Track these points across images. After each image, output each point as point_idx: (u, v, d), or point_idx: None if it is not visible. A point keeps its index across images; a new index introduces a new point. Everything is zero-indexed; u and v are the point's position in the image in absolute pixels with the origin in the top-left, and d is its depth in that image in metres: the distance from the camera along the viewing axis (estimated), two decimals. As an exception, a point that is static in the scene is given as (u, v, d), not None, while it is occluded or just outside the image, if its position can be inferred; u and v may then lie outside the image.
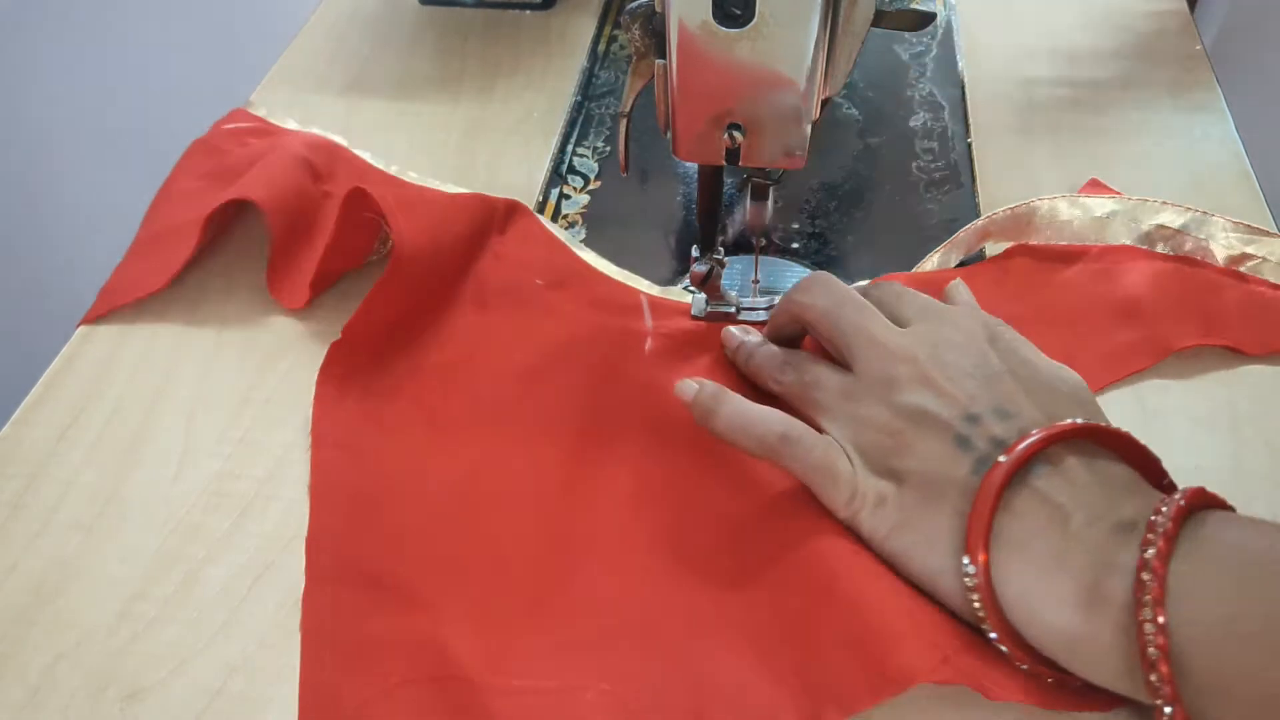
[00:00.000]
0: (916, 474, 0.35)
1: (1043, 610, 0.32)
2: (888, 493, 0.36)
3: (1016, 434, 0.34)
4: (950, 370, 0.37)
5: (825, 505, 0.37)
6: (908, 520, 0.35)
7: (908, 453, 0.35)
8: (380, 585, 0.38)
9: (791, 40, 0.35)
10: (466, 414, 0.43)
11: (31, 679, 0.35)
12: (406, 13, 0.68)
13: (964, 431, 0.35)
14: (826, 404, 0.38)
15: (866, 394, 0.37)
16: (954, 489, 0.34)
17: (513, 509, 0.40)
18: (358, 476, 0.41)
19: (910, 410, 0.36)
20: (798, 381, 0.40)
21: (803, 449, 0.37)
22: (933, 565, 0.34)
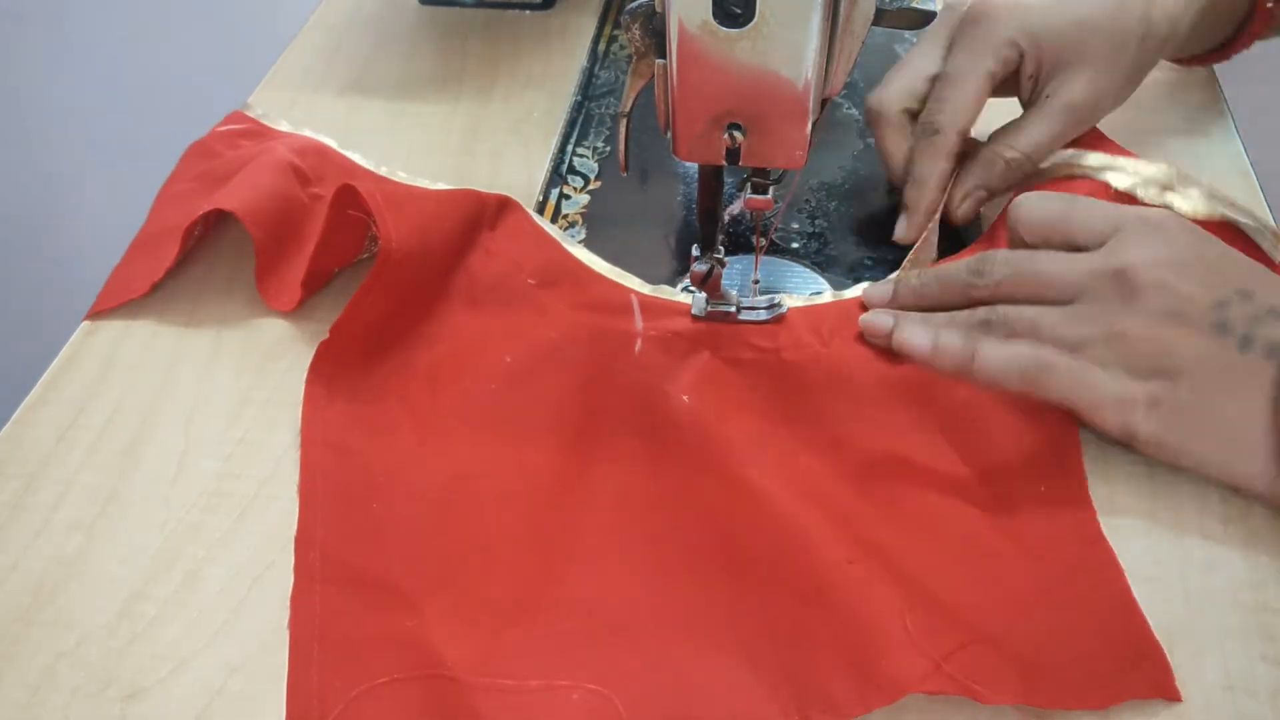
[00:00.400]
0: (1188, 368, 0.37)
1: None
2: (1160, 392, 0.37)
3: (1266, 311, 0.37)
4: (1179, 266, 0.38)
5: (1095, 423, 0.39)
6: (1192, 413, 0.37)
7: (1173, 351, 0.37)
8: (368, 584, 0.38)
9: (791, 40, 0.35)
10: (455, 414, 0.43)
11: (31, 679, 0.35)
12: (406, 13, 0.68)
13: (1218, 319, 0.37)
14: (1064, 335, 0.39)
15: (1104, 312, 0.38)
16: (1230, 373, 0.36)
17: (500, 509, 0.40)
18: (347, 476, 0.41)
19: (1157, 312, 0.37)
20: (1011, 334, 0.40)
21: (1062, 371, 0.38)
22: (1225, 449, 0.37)
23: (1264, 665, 0.34)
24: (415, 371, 0.45)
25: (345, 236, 0.48)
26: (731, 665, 0.35)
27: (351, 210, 0.47)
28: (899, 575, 0.36)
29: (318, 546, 0.39)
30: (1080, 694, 0.33)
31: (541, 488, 0.40)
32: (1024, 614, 0.35)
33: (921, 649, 0.34)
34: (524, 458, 0.41)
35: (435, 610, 0.37)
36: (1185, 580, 0.37)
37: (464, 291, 0.48)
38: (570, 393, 0.44)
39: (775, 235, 0.52)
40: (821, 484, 0.40)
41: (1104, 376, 0.38)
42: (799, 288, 0.49)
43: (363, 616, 0.37)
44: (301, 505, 0.40)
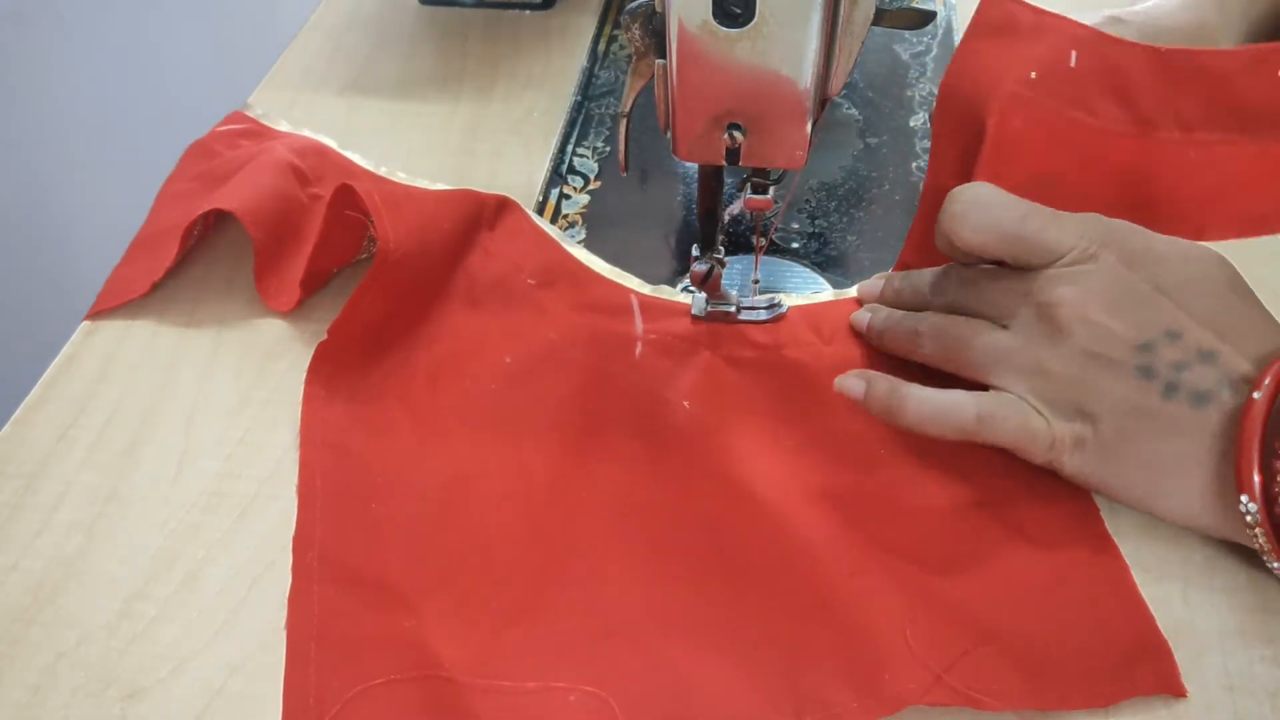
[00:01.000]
0: (1109, 411, 0.37)
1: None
2: (1085, 433, 0.37)
3: (1194, 353, 0.36)
4: (1107, 305, 0.38)
5: (1025, 456, 0.38)
6: (1115, 454, 0.37)
7: (1094, 395, 0.37)
8: (366, 584, 0.38)
9: (791, 40, 0.35)
10: (455, 414, 0.43)
11: (31, 679, 0.35)
12: (406, 13, 0.68)
13: (1142, 362, 0.36)
14: (986, 362, 0.39)
15: (1029, 348, 0.38)
16: (1150, 421, 0.36)
17: (499, 509, 0.40)
18: (345, 476, 0.41)
19: (1082, 355, 0.37)
20: (940, 348, 0.41)
21: (998, 421, 0.38)
22: (1145, 490, 0.37)
23: (1264, 665, 0.34)
24: (414, 372, 0.45)
25: (343, 237, 0.48)
26: (731, 671, 0.35)
27: (350, 210, 0.47)
28: (902, 579, 0.36)
29: (316, 547, 0.39)
30: (1085, 692, 0.33)
31: (541, 489, 0.40)
32: (1029, 609, 0.36)
33: (923, 661, 0.34)
34: (524, 459, 0.41)
35: (433, 611, 0.37)
36: (1185, 580, 0.37)
37: (463, 292, 0.48)
38: (570, 394, 0.44)
39: (775, 235, 0.52)
40: (825, 483, 0.40)
41: (1034, 415, 0.37)
42: (799, 288, 0.49)
43: (360, 617, 0.37)
44: (300, 505, 0.40)
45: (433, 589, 0.37)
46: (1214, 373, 0.36)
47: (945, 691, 0.33)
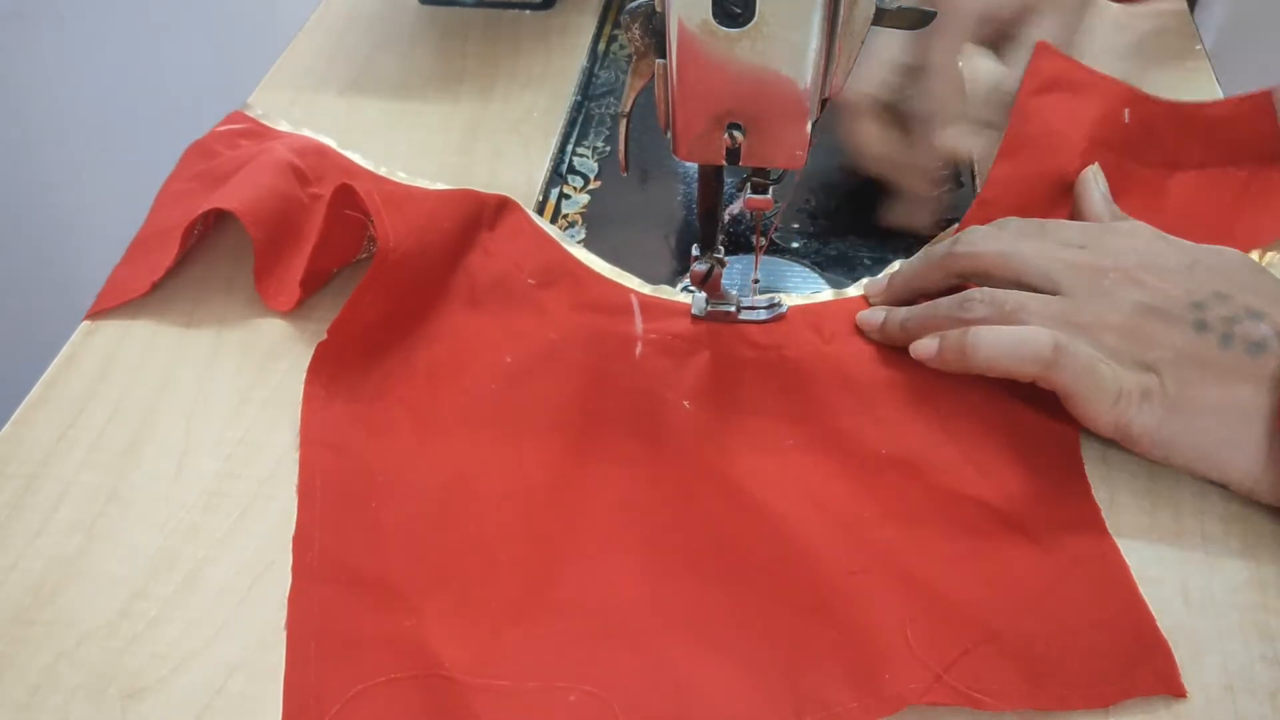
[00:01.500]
0: (1172, 361, 0.37)
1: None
2: (1151, 385, 0.38)
3: (1242, 311, 0.38)
4: (1155, 268, 0.39)
5: (1088, 415, 0.38)
6: (1181, 406, 0.37)
7: (1155, 345, 0.38)
8: (366, 583, 0.38)
9: (791, 40, 0.35)
10: (454, 414, 0.43)
11: (32, 678, 0.35)
12: (406, 13, 0.68)
13: (1198, 317, 0.38)
14: (1052, 324, 0.39)
15: (1087, 307, 0.39)
16: (1214, 368, 0.37)
17: (499, 510, 0.40)
18: (345, 475, 0.41)
19: (1141, 308, 0.38)
20: (997, 311, 0.40)
21: (1071, 356, 0.38)
22: (1213, 442, 0.37)
23: (1264, 665, 0.34)
24: (414, 371, 0.45)
25: (343, 236, 0.48)
26: (730, 671, 0.35)
27: (350, 210, 0.47)
28: (903, 578, 0.36)
29: (315, 546, 0.39)
30: (1085, 692, 0.33)
31: (540, 489, 0.40)
32: (1030, 609, 0.36)
33: (923, 661, 0.34)
34: (523, 459, 0.41)
35: (433, 610, 0.37)
36: (1185, 580, 0.37)
37: (463, 291, 0.48)
38: (570, 394, 0.44)
39: (775, 235, 0.52)
40: (825, 484, 0.40)
41: (1102, 365, 0.38)
42: (799, 288, 0.49)
43: (360, 616, 0.37)
44: (300, 505, 0.40)
45: (433, 588, 0.37)
46: (1265, 327, 0.37)
47: (945, 691, 0.33)
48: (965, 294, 0.42)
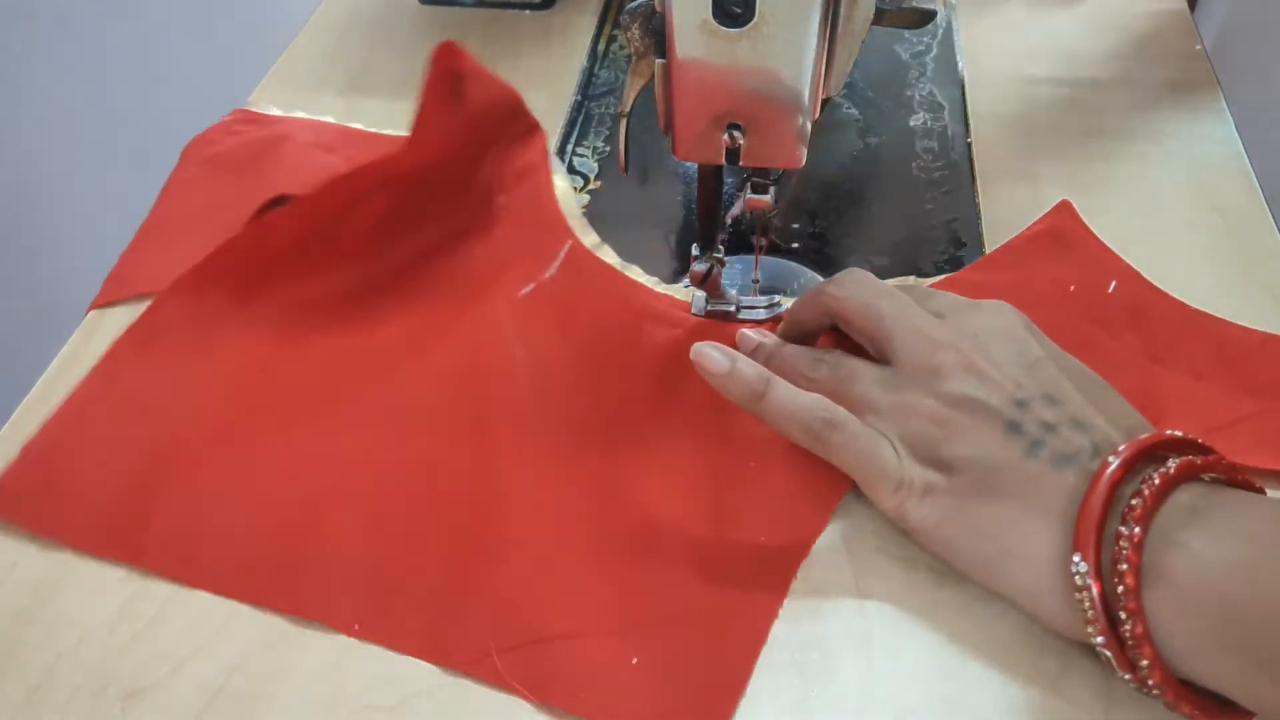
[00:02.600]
0: (968, 461, 0.35)
1: None
2: (937, 482, 0.36)
3: (1067, 419, 0.35)
4: (994, 357, 0.37)
5: (870, 497, 0.37)
6: (962, 508, 0.35)
7: (958, 440, 0.35)
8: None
9: (791, 40, 0.35)
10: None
11: (32, 678, 0.35)
12: (406, 13, 0.68)
13: (1014, 417, 0.35)
14: (868, 395, 0.38)
15: (910, 383, 0.37)
16: (1006, 478, 0.34)
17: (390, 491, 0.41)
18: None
19: (957, 398, 0.36)
20: (833, 375, 0.39)
21: (849, 435, 0.37)
22: (991, 552, 0.34)
23: (1264, 665, 0.34)
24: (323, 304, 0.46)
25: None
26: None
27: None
28: (559, 551, 0.38)
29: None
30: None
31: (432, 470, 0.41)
32: (653, 627, 0.36)
33: (482, 636, 0.35)
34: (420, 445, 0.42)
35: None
36: (1185, 580, 0.37)
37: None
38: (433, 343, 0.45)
39: (775, 235, 0.52)
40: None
41: (887, 451, 0.36)
42: (798, 288, 0.49)
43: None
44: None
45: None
46: (1083, 438, 0.34)
47: (488, 670, 0.35)
48: (818, 354, 0.41)
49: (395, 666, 0.35)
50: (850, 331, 0.41)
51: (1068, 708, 0.33)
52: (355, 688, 0.35)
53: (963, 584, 0.37)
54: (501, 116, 0.51)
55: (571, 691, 0.34)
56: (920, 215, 0.53)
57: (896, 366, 0.38)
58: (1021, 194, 0.52)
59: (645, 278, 0.48)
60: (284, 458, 0.41)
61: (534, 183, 0.51)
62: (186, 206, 0.49)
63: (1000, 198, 0.52)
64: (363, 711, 0.34)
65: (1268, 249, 0.49)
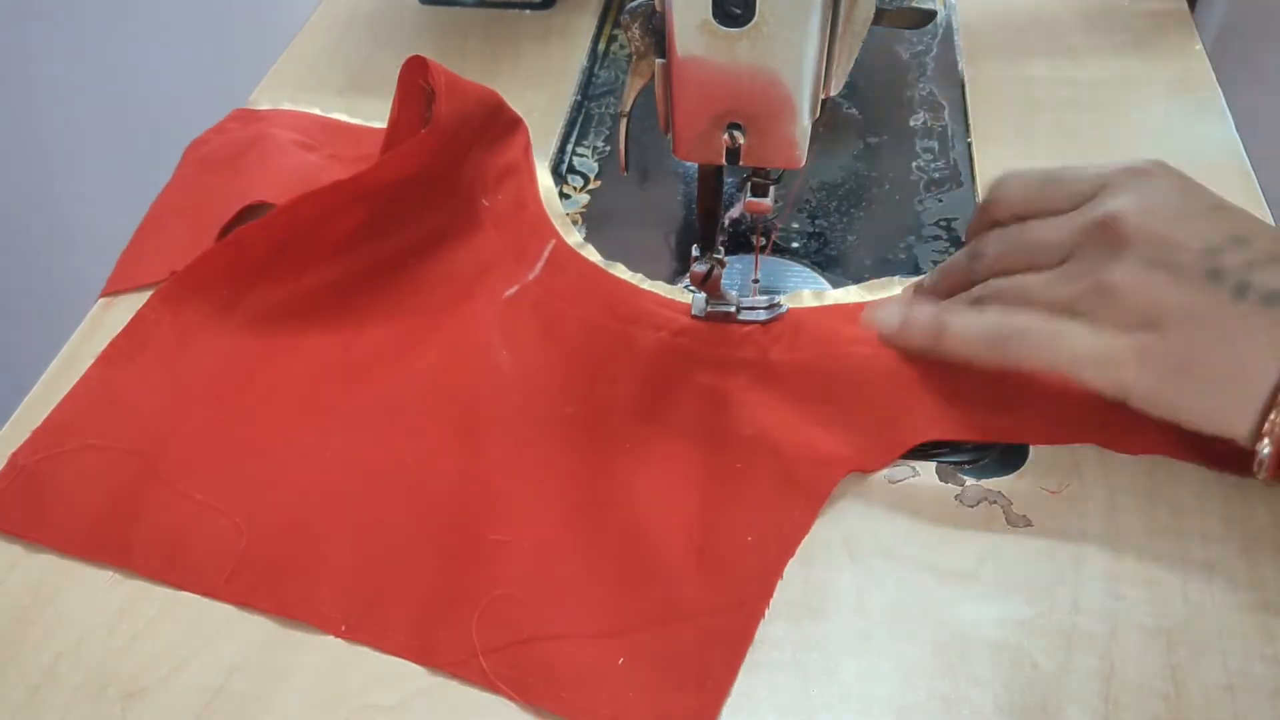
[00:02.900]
0: (1177, 317, 0.35)
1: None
2: (1148, 343, 0.35)
3: (1264, 256, 0.34)
4: (1169, 213, 0.36)
5: (1083, 381, 0.36)
6: (1180, 364, 0.35)
7: (1159, 300, 0.35)
8: None
9: (791, 40, 0.35)
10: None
11: (32, 678, 0.35)
12: (406, 13, 0.68)
13: (1211, 265, 0.35)
14: (1054, 295, 0.37)
15: (1093, 265, 0.37)
16: (1220, 323, 0.34)
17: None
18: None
19: (1150, 261, 0.35)
20: (1001, 304, 0.39)
21: (1035, 336, 0.36)
22: (1220, 403, 0.34)
23: (1264, 665, 0.34)
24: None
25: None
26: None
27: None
28: (542, 549, 0.38)
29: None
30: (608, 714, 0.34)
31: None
32: (644, 625, 0.36)
33: (473, 637, 0.36)
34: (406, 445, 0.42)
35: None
36: (1185, 580, 0.37)
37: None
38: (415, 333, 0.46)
39: (775, 235, 0.52)
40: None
41: (1083, 334, 0.36)
42: (799, 288, 0.49)
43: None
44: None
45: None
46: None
47: (474, 670, 0.35)
48: (976, 291, 0.40)
49: (395, 666, 0.35)
50: (1019, 228, 0.40)
51: (1068, 708, 0.33)
52: (355, 688, 0.35)
53: (963, 583, 0.37)
54: (481, 117, 0.51)
55: (557, 692, 0.34)
56: (920, 215, 0.53)
57: (1071, 259, 0.38)
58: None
59: (629, 274, 0.48)
60: (270, 461, 0.41)
61: (517, 182, 0.52)
62: (177, 205, 0.50)
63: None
64: (363, 711, 0.34)
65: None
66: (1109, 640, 0.35)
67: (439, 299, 0.47)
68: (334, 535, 0.39)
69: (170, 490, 0.40)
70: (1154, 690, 0.34)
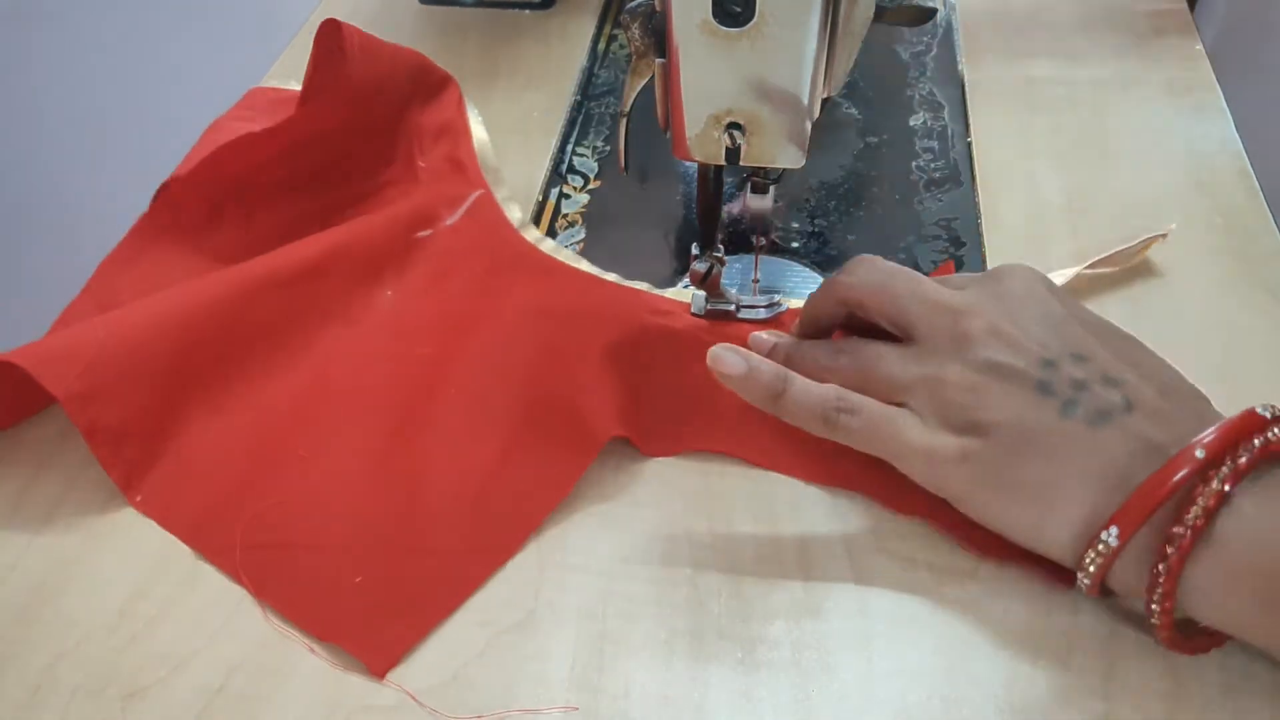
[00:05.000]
0: (1001, 425, 0.35)
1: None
2: (972, 447, 0.35)
3: (1098, 376, 0.35)
4: (1018, 319, 0.36)
5: (906, 473, 0.37)
6: (1000, 472, 0.35)
7: (990, 405, 0.35)
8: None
9: (791, 40, 0.35)
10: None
11: (32, 678, 0.35)
12: (406, 13, 0.68)
13: (1044, 377, 0.35)
14: (892, 373, 0.38)
15: (935, 355, 0.37)
16: (1046, 436, 0.34)
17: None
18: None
19: (985, 363, 0.36)
20: (854, 362, 0.39)
21: (865, 418, 0.37)
22: (1034, 515, 0.34)
23: (1264, 665, 0.34)
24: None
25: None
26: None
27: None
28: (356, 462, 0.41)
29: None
30: (321, 624, 0.36)
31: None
32: (396, 554, 0.38)
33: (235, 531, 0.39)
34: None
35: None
36: (1185, 580, 0.37)
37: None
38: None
39: (775, 235, 0.52)
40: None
41: (914, 426, 0.36)
42: (799, 287, 0.49)
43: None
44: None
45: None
46: (1116, 394, 0.34)
47: (228, 561, 0.38)
48: (837, 344, 0.40)
49: (395, 667, 0.35)
50: (868, 317, 0.40)
51: (1068, 708, 0.33)
52: (355, 688, 0.35)
53: (964, 583, 0.37)
54: (404, 78, 0.53)
55: (288, 595, 0.37)
56: (920, 214, 0.53)
57: (919, 341, 0.38)
58: (1021, 194, 0.52)
59: (536, 233, 0.51)
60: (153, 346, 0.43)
61: (451, 139, 0.53)
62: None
63: (1000, 198, 0.52)
64: (362, 711, 0.34)
65: (1268, 249, 0.49)
66: (1109, 640, 0.35)
67: (354, 228, 0.49)
68: (176, 406, 0.42)
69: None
70: (1154, 690, 0.34)
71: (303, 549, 0.38)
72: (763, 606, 0.37)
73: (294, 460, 0.41)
